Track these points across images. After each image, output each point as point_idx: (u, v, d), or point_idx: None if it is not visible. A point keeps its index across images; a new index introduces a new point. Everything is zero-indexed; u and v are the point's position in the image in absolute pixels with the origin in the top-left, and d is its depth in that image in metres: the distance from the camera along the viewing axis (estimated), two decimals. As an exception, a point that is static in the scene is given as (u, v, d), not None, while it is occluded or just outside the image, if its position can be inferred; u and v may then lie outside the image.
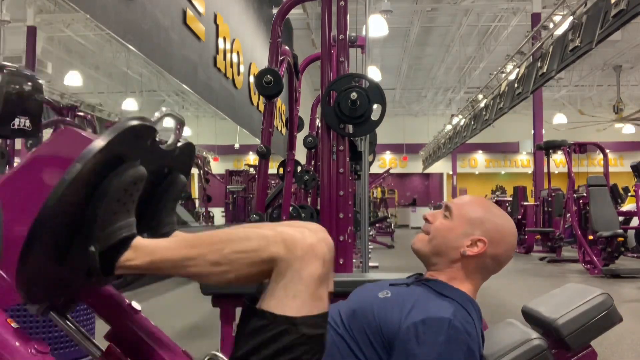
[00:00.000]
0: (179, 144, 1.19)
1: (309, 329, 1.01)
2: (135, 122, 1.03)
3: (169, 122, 1.17)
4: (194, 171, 12.56)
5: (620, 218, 7.97)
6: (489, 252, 1.25)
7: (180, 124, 1.19)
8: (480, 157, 24.14)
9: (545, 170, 10.36)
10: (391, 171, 19.94)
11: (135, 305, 1.20)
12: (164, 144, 1.14)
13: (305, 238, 1.02)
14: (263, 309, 1.02)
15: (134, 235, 1.06)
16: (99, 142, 0.96)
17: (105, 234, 1.01)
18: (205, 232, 1.08)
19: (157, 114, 1.12)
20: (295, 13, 10.31)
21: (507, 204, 12.24)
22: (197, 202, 13.82)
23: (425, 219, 1.34)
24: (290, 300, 1.00)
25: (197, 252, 1.03)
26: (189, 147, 1.23)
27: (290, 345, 0.99)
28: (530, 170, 17.16)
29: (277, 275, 1.01)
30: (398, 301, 1.18)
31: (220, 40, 6.97)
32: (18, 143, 7.68)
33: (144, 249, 1.05)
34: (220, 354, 1.15)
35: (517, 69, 9.86)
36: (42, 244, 0.94)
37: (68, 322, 1.13)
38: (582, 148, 8.83)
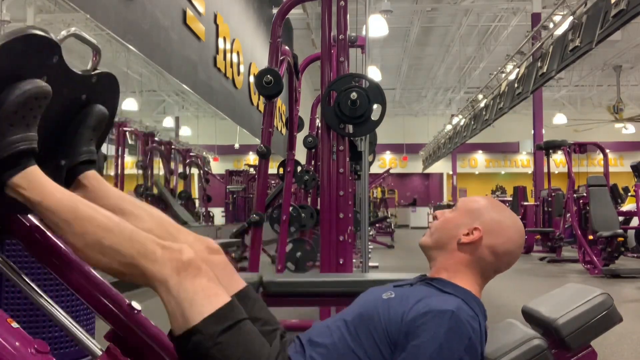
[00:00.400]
0: (97, 72, 1.17)
1: (218, 324, 1.04)
2: (33, 31, 0.99)
3: (168, 122, 1.16)
4: (194, 171, 12.55)
5: (620, 218, 7.97)
6: (485, 241, 1.26)
7: (96, 50, 1.17)
8: (480, 157, 24.13)
9: (545, 170, 10.36)
10: (391, 171, 19.92)
11: (135, 305, 1.20)
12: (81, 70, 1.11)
13: (182, 254, 1.06)
14: (174, 336, 1.06)
15: (32, 149, 1.05)
16: None
17: (2, 145, 1.00)
18: (99, 210, 1.09)
19: (63, 32, 1.08)
20: (295, 13, 10.30)
21: (507, 204, 12.22)
22: (197, 202, 13.82)
23: (434, 217, 1.38)
24: (187, 311, 1.03)
25: (79, 226, 1.05)
26: (109, 77, 1.20)
27: (215, 345, 1.03)
28: (530, 170, 17.16)
29: (164, 294, 1.05)
30: (401, 300, 1.18)
31: (220, 40, 6.97)
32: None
33: (39, 186, 1.05)
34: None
35: (517, 69, 9.85)
36: None
37: (68, 321, 1.13)
38: (582, 148, 8.83)
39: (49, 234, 1.22)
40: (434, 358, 1.08)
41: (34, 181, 1.05)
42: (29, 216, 1.22)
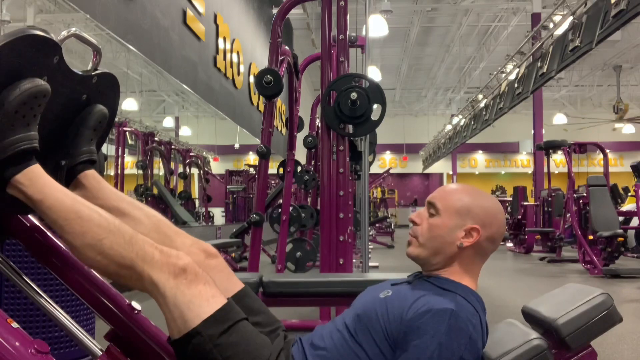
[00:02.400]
0: (98, 72, 1.17)
1: (218, 325, 1.04)
2: (33, 32, 0.99)
3: (168, 122, 1.16)
4: (194, 171, 12.54)
5: (620, 218, 7.97)
6: (483, 235, 1.25)
7: (96, 51, 1.17)
8: (480, 157, 24.14)
9: (545, 170, 10.36)
10: (391, 171, 19.93)
11: (135, 305, 1.20)
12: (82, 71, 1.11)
13: (179, 260, 1.07)
14: (173, 340, 1.07)
15: (34, 148, 1.05)
16: None
17: (3, 145, 1.00)
18: (100, 212, 1.09)
19: (63, 33, 1.08)
20: (295, 13, 10.30)
21: (507, 204, 12.24)
22: (197, 202, 13.81)
23: (412, 221, 1.30)
24: (186, 312, 1.04)
25: (79, 225, 1.05)
26: (110, 77, 1.20)
27: (216, 347, 1.03)
28: (530, 170, 17.17)
29: (161, 298, 1.06)
30: (400, 298, 1.18)
31: (220, 40, 6.97)
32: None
33: (40, 184, 1.05)
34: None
35: (517, 69, 9.85)
36: None
37: (68, 321, 1.13)
38: (582, 148, 8.83)
39: (49, 234, 1.22)
40: (435, 357, 1.08)
41: (36, 179, 1.05)
42: (30, 217, 1.22)
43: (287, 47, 3.68)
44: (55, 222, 1.07)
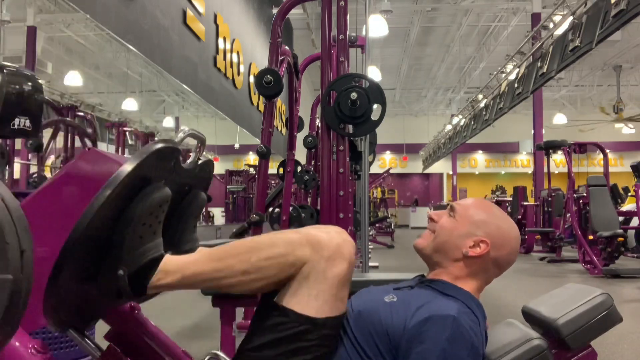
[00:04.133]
0: (200, 162, 1.20)
1: (329, 330, 1.03)
2: (161, 145, 1.04)
3: (168, 122, 1.17)
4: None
5: (620, 218, 7.97)
6: (491, 254, 1.25)
7: (202, 142, 1.21)
8: (480, 157, 24.13)
9: (545, 170, 10.36)
10: (391, 171, 19.93)
11: (135, 305, 1.20)
12: (186, 163, 1.15)
13: (332, 239, 1.03)
14: (285, 306, 1.03)
15: (161, 256, 1.06)
16: (127, 167, 0.97)
17: (133, 257, 1.02)
18: (229, 244, 1.09)
19: (180, 134, 1.13)
20: (295, 13, 10.30)
21: (507, 204, 12.24)
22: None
23: (431, 218, 1.33)
24: (313, 300, 1.01)
25: (225, 264, 1.05)
26: (209, 164, 1.25)
27: (310, 345, 1.01)
28: (530, 170, 17.17)
29: (302, 274, 1.02)
30: (404, 305, 1.18)
31: (220, 40, 6.97)
32: (18, 143, 7.69)
33: (173, 267, 1.06)
34: (221, 353, 1.15)
35: (517, 69, 9.85)
36: (71, 268, 0.94)
37: None
38: (582, 148, 8.83)
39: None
40: None
41: (166, 268, 1.05)
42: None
43: (287, 47, 3.68)
44: (205, 281, 1.07)
